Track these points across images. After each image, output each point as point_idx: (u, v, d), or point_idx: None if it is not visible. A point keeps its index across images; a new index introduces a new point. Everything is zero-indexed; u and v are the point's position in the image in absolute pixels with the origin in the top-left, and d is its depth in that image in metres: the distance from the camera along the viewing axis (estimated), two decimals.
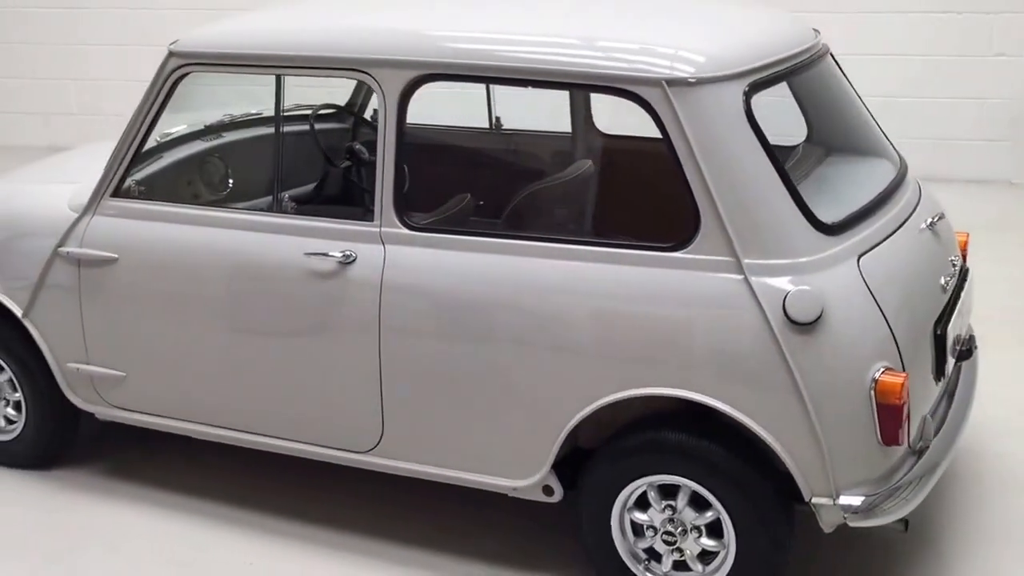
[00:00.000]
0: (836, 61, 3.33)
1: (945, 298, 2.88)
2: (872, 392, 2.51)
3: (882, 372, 2.51)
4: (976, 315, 3.23)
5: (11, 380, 3.54)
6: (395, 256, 2.87)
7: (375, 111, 4.05)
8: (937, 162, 6.45)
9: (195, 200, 3.55)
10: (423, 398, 2.90)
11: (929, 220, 2.97)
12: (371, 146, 3.94)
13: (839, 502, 2.55)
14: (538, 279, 2.73)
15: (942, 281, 2.88)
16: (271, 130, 3.86)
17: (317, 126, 3.83)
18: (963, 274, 3.12)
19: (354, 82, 3.75)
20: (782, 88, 3.34)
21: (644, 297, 2.63)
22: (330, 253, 2.92)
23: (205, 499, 3.42)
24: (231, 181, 3.73)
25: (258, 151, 3.69)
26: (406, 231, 2.86)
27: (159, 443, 3.55)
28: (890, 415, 2.51)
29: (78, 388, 3.40)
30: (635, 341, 2.64)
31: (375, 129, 3.12)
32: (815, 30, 3.29)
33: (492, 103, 3.94)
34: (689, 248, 2.60)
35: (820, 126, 3.40)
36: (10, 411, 3.60)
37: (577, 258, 2.70)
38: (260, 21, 3.16)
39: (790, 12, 3.36)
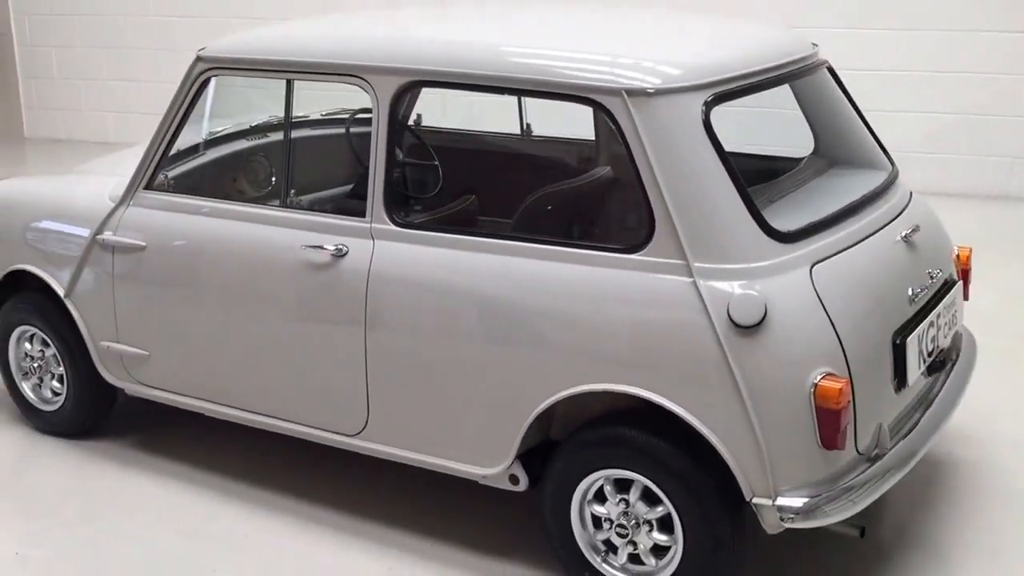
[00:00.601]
0: (835, 74, 3.40)
1: (912, 309, 2.91)
2: (812, 396, 2.57)
3: (822, 377, 2.57)
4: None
5: (55, 355, 3.85)
6: (382, 250, 3.05)
7: (418, 115, 4.31)
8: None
9: (239, 196, 3.80)
10: (403, 386, 3.07)
11: (904, 232, 3.01)
12: (408, 150, 4.17)
13: (778, 503, 2.61)
14: (505, 276, 2.87)
15: (910, 292, 2.91)
16: (312, 132, 4.11)
17: (368, 130, 4.06)
18: (945, 287, 3.14)
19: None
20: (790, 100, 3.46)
21: (601, 296, 2.75)
22: (324, 246, 3.12)
23: (216, 473, 3.65)
24: (273, 179, 3.98)
25: (300, 151, 3.92)
26: (393, 227, 3.05)
27: (183, 420, 3.80)
28: (829, 419, 2.57)
29: (109, 365, 3.68)
30: (590, 338, 2.76)
31: (411, 133, 3.34)
32: (813, 44, 3.38)
33: (523, 111, 4.10)
34: (644, 251, 2.71)
35: (822, 138, 3.48)
36: (55, 384, 3.91)
37: (542, 257, 2.84)
38: (274, 31, 3.40)
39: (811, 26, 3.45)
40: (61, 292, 3.70)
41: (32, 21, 9.03)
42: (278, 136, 4.02)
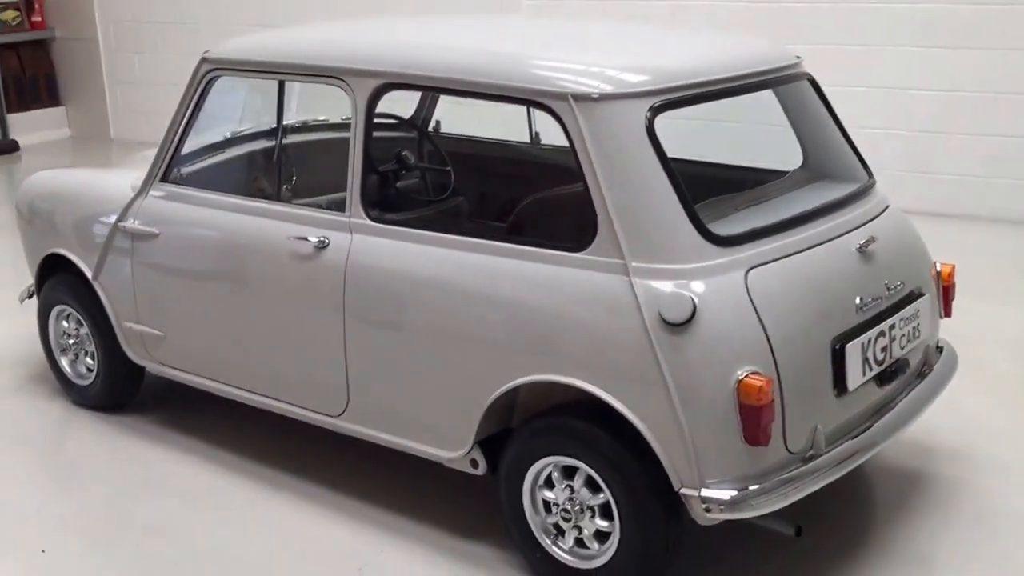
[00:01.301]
0: (817, 87, 3.47)
1: (860, 318, 2.97)
2: (735, 393, 2.67)
3: (747, 375, 2.67)
4: None
5: (87, 334, 4.16)
6: (359, 243, 3.25)
7: (437, 122, 4.50)
8: None
9: (259, 193, 4.05)
10: (378, 371, 3.26)
11: (860, 243, 3.07)
12: (424, 154, 4.36)
13: (704, 494, 2.72)
14: (463, 270, 3.04)
15: (858, 301, 2.97)
16: (335, 134, 4.33)
17: (390, 135, 4.28)
18: (908, 299, 3.18)
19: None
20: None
21: (549, 292, 2.90)
22: (309, 238, 3.34)
23: (225, 449, 3.90)
24: (295, 178, 4.22)
25: (320, 152, 4.15)
26: (369, 222, 3.24)
27: (203, 400, 4.05)
28: (751, 416, 2.66)
29: (132, 344, 3.97)
30: (538, 331, 2.91)
31: (428, 139, 3.51)
32: (797, 57, 3.45)
33: (532, 120, 4.24)
34: (588, 250, 2.85)
35: (807, 150, 3.55)
36: (88, 360, 4.23)
37: (498, 253, 3.00)
38: (270, 36, 3.64)
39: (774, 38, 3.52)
40: (89, 275, 4.00)
41: (116, 28, 9.52)
42: (302, 137, 4.28)
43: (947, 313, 3.50)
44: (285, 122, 3.75)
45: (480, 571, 3.17)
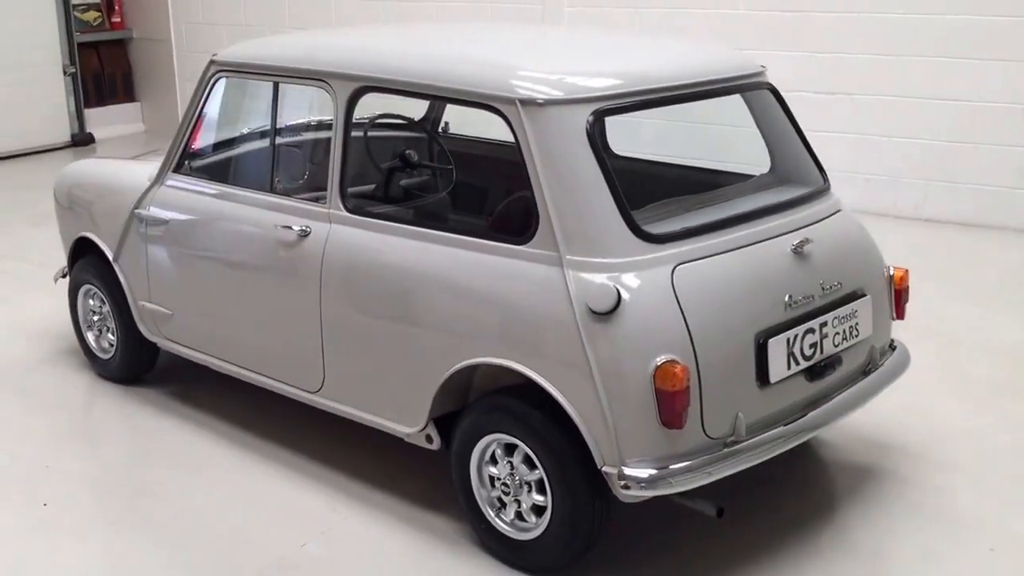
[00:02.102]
0: (778, 95, 3.64)
1: (788, 314, 3.14)
2: (653, 379, 2.87)
3: (664, 362, 2.87)
4: None
5: (110, 311, 4.51)
6: (336, 232, 3.52)
7: (446, 123, 4.77)
8: None
9: (273, 187, 4.35)
10: (348, 351, 3.53)
11: (794, 244, 3.24)
12: (426, 153, 4.61)
13: (624, 471, 2.92)
14: (422, 260, 3.29)
15: (787, 299, 3.14)
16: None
17: (403, 134, 4.56)
18: (846, 299, 3.33)
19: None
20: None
21: (494, 282, 3.13)
22: (293, 227, 3.62)
23: (224, 421, 4.21)
24: (307, 173, 4.52)
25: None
26: (345, 213, 3.52)
27: (211, 376, 4.37)
28: (666, 400, 2.86)
29: (145, 321, 4.31)
30: (484, 318, 3.15)
31: (435, 140, 3.78)
32: (761, 66, 3.63)
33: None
34: (530, 243, 3.07)
35: (772, 155, 3.72)
36: (110, 336, 4.58)
37: (453, 244, 3.24)
38: (268, 41, 3.93)
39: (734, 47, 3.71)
40: (111, 257, 4.36)
41: (188, 29, 10.00)
42: (316, 135, 4.57)
43: (899, 315, 3.64)
44: (281, 121, 4.04)
45: (434, 539, 3.41)
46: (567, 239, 3.00)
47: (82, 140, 9.92)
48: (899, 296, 3.60)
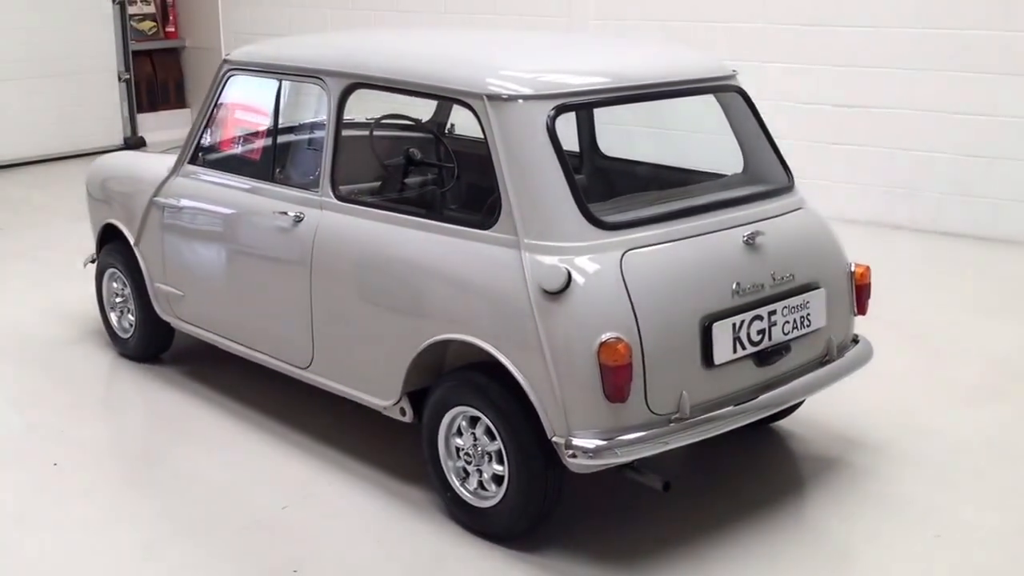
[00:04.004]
0: (747, 97, 3.83)
1: (735, 301, 3.32)
2: (597, 355, 3.08)
3: (608, 339, 3.07)
4: None
5: (130, 293, 4.83)
6: (326, 219, 3.79)
7: (452, 124, 5.02)
8: None
9: (274, 176, 4.59)
10: (333, 329, 3.78)
11: (746, 235, 3.42)
12: (429, 152, 4.85)
13: (571, 441, 3.12)
14: (395, 243, 3.55)
15: (734, 286, 3.33)
16: (363, 132, 4.87)
17: (412, 135, 4.82)
18: (797, 290, 3.50)
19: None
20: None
21: (460, 264, 3.37)
22: (288, 213, 3.89)
23: (228, 396, 4.50)
24: (305, 164, 4.75)
25: (349, 147, 4.70)
26: (335, 200, 3.78)
27: (222, 355, 4.64)
28: (609, 375, 3.06)
29: (160, 302, 4.62)
30: (450, 297, 3.39)
31: (440, 139, 4.06)
32: (733, 70, 3.83)
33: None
34: (493, 228, 3.31)
35: (744, 154, 3.91)
36: (131, 317, 4.89)
37: (426, 229, 3.49)
38: (277, 43, 4.23)
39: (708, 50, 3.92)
40: (132, 242, 4.67)
41: (237, 40, 10.38)
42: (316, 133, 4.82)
43: (861, 311, 3.80)
44: (283, 116, 4.32)
45: (406, 506, 3.64)
46: (525, 224, 3.23)
47: (134, 143, 10.34)
48: (860, 292, 3.76)
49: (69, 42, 9.81)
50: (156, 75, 10.89)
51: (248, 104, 4.32)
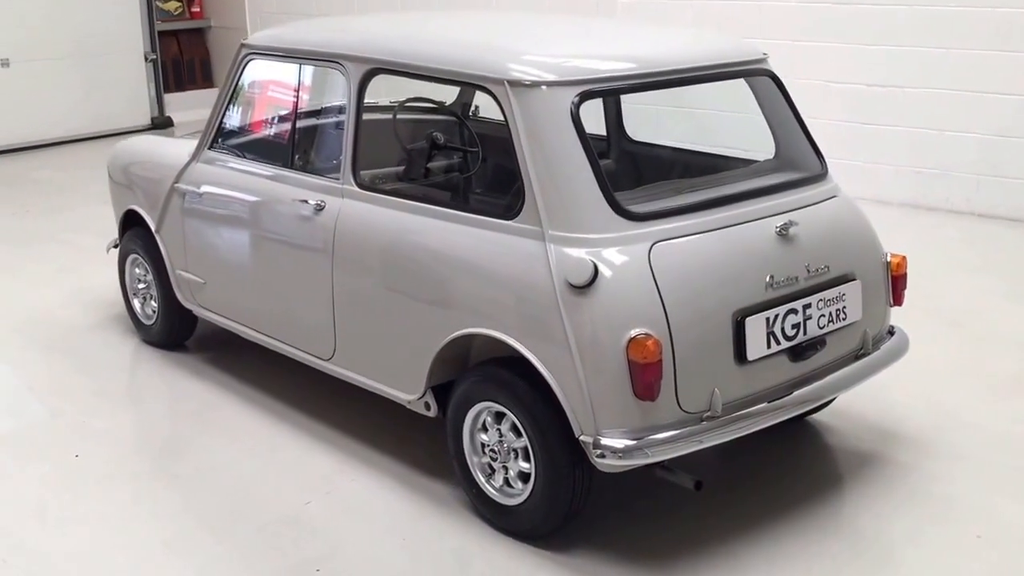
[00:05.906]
0: (778, 82, 3.71)
1: (769, 294, 3.21)
2: (626, 351, 2.98)
3: (638, 335, 2.97)
4: None
5: (153, 279, 4.78)
6: (347, 207, 3.70)
7: (476, 106, 4.91)
8: None
9: (294, 163, 4.51)
10: (357, 320, 3.70)
11: (778, 226, 3.31)
12: (453, 135, 4.76)
13: (599, 441, 3.03)
14: (417, 233, 3.45)
15: (768, 279, 3.22)
16: (385, 116, 4.79)
17: (437, 118, 4.72)
18: (832, 282, 3.38)
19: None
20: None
21: (483, 255, 3.27)
22: (309, 200, 3.81)
23: (249, 385, 4.44)
24: (326, 151, 4.66)
25: (371, 131, 4.62)
26: (356, 188, 3.69)
27: (243, 343, 4.59)
28: (639, 372, 2.96)
29: (182, 289, 4.56)
30: (474, 289, 3.29)
31: (463, 122, 3.97)
32: (764, 53, 3.70)
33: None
34: (517, 219, 3.21)
35: (776, 140, 3.79)
36: (153, 304, 4.84)
37: (449, 219, 3.39)
38: (295, 27, 4.14)
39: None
40: (153, 228, 4.61)
41: (263, 19, 10.32)
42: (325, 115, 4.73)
43: (897, 302, 3.68)
44: (303, 101, 4.24)
45: (430, 502, 3.57)
46: (550, 215, 3.13)
47: (161, 123, 10.31)
48: (896, 282, 3.64)
49: (95, 23, 9.77)
50: (183, 55, 10.84)
51: (267, 89, 4.23)
